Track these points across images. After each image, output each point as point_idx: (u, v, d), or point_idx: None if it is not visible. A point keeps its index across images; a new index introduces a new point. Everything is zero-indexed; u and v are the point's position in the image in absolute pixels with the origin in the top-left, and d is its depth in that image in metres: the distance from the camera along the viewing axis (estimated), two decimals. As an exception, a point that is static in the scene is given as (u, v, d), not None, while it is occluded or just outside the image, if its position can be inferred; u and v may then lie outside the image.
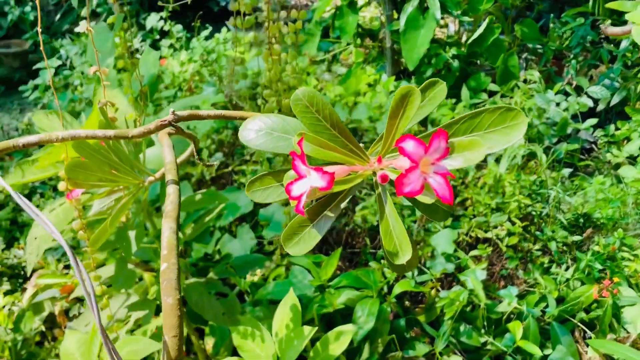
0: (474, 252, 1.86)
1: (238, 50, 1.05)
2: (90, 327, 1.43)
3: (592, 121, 2.50)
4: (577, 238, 1.96)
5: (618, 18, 2.77)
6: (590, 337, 1.67)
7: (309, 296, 1.60)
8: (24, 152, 2.46)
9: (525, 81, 2.87)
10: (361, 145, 0.51)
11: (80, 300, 1.69)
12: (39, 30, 0.74)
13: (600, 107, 2.80)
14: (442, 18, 3.02)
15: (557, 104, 2.54)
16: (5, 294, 1.76)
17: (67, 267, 1.87)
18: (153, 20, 3.53)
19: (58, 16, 4.21)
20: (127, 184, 0.87)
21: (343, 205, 0.49)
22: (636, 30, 0.48)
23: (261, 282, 1.69)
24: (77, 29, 2.87)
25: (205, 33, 3.45)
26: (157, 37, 3.66)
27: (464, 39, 3.16)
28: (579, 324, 1.70)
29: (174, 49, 3.42)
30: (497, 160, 2.37)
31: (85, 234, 0.91)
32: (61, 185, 0.86)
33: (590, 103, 2.62)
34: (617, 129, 2.71)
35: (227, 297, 1.24)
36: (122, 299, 1.40)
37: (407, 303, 1.83)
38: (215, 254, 1.77)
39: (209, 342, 1.58)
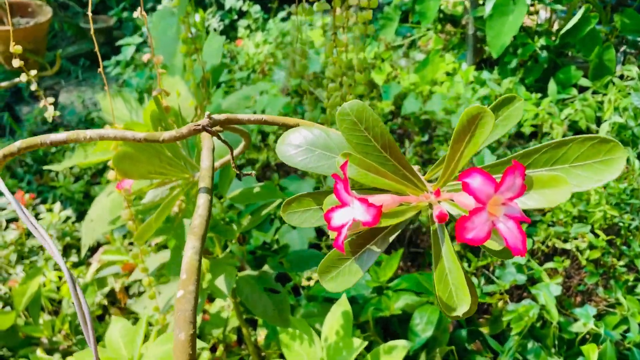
0: (549, 264, 1.71)
1: (301, 38, 0.98)
2: (148, 309, 1.44)
3: (698, 125, 2.24)
4: (670, 256, 1.76)
5: None
6: (677, 370, 1.50)
7: (365, 297, 1.54)
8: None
9: (621, 77, 2.61)
10: (416, 169, 0.43)
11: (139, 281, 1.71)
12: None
13: None
14: (532, 4, 2.81)
15: (658, 104, 2.29)
16: (72, 266, 1.82)
17: (132, 244, 1.91)
18: (232, 0, 3.53)
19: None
20: (177, 177, 0.84)
21: (391, 239, 0.42)
22: None
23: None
24: (159, 7, 2.92)
25: (282, 14, 3.41)
26: (235, 17, 3.66)
27: (555, 28, 2.93)
28: (665, 353, 1.53)
29: (251, 30, 3.41)
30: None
31: (134, 225, 0.89)
32: (110, 175, 0.84)
33: (697, 105, 2.35)
34: None
35: (279, 294, 1.20)
36: (177, 286, 1.40)
37: (470, 311, 1.72)
38: (273, 243, 1.74)
39: (262, 334, 1.56)
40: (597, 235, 1.78)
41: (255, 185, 1.20)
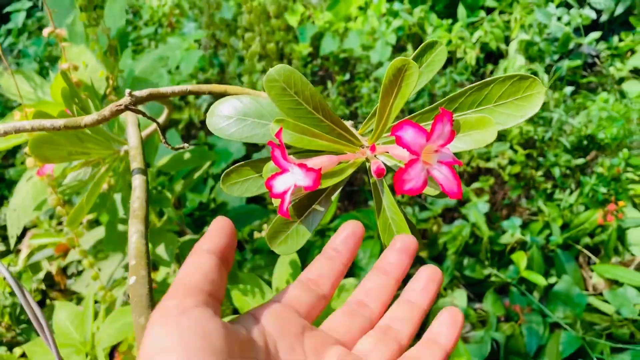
0: (475, 184, 1.81)
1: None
2: (91, 287, 1.41)
3: (596, 35, 2.38)
4: (580, 161, 1.91)
5: None
6: (594, 263, 1.66)
7: (309, 240, 1.57)
8: None
9: (524, -6, 2.70)
10: (349, 124, 0.44)
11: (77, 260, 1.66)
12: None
13: (604, 18, 2.66)
14: None
15: (559, 18, 2.40)
16: (0, 256, 1.73)
17: (60, 223, 1.83)
18: (124, -51, 3.28)
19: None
20: (101, 155, 0.80)
21: (334, 197, 0.43)
22: None
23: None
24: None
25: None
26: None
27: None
28: (583, 249, 1.68)
29: (150, -19, 3.20)
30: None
31: (63, 210, 0.85)
32: (29, 162, 0.79)
33: (593, 15, 2.48)
34: (620, 40, 2.58)
35: (224, 254, 1.20)
36: (119, 259, 1.37)
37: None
38: (210, 202, 1.72)
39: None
40: (516, 151, 1.89)
41: (185, 150, 1.17)
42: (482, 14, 2.64)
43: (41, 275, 1.67)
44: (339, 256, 0.40)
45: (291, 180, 0.39)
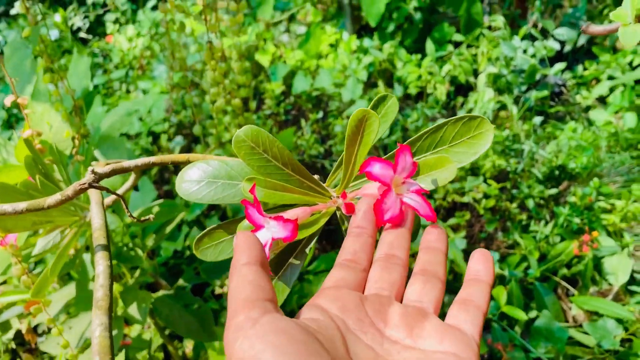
0: (452, 220, 1.82)
1: (175, 29, 0.92)
2: (61, 344, 1.35)
3: (561, 65, 2.44)
4: (553, 191, 1.93)
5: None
6: (573, 294, 1.67)
7: (287, 286, 1.55)
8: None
9: (489, 28, 2.78)
10: (316, 177, 0.45)
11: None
12: None
13: (567, 48, 2.74)
14: (400, -33, 2.88)
15: (524, 51, 2.47)
16: (-33, 316, 1.66)
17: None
18: (93, -7, 3.29)
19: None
20: (66, 222, 0.78)
21: (309, 248, 0.43)
22: (623, 32, 0.40)
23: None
24: (12, 12, 2.65)
25: (151, 3, 3.24)
26: (101, 11, 3.43)
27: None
28: (561, 281, 1.69)
29: (120, 24, 3.20)
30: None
31: (29, 280, 0.82)
32: (-10, 233, 0.76)
33: (557, 46, 2.56)
34: (585, 69, 2.66)
35: (200, 308, 1.17)
36: (89, 318, 1.33)
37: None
38: (185, 250, 1.69)
39: (189, 345, 1.53)
40: (489, 185, 1.91)
41: (154, 204, 1.15)
42: (450, 48, 2.69)
43: (11, 334, 1.60)
44: (365, 231, 0.41)
45: (268, 234, 0.40)
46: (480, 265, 0.40)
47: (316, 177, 0.49)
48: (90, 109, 0.91)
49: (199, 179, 0.46)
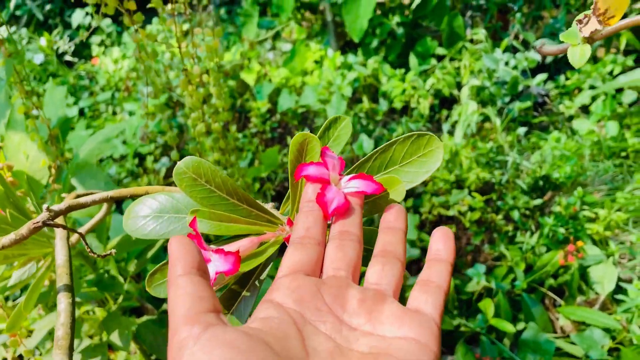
0: (437, 233, 1.82)
1: (156, 51, 0.94)
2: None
3: (543, 76, 2.47)
4: (538, 202, 1.95)
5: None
6: (560, 305, 1.67)
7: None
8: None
9: (472, 41, 2.81)
10: (269, 206, 0.44)
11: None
12: None
13: (549, 59, 2.77)
14: (382, -17, 2.91)
15: (506, 63, 2.50)
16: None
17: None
18: (79, 17, 3.30)
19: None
20: (41, 254, 0.77)
21: (263, 277, 0.42)
22: (571, 52, 0.41)
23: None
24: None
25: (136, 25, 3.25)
26: (87, 35, 3.44)
27: (407, 1, 3.07)
28: (548, 292, 1.69)
29: (105, 46, 3.22)
30: (451, 132, 2.33)
31: (4, 314, 0.82)
32: (-38, 268, 0.76)
33: (539, 57, 2.59)
34: (567, 79, 2.69)
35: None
36: (75, 344, 1.31)
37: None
38: (171, 272, 1.68)
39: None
40: (474, 197, 1.92)
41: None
42: (434, 61, 2.72)
43: (-4, 363, 1.59)
44: (317, 207, 0.40)
45: (212, 268, 0.38)
46: (441, 244, 0.39)
47: (270, 204, 0.49)
48: (66, 136, 0.91)
49: (145, 214, 0.45)
